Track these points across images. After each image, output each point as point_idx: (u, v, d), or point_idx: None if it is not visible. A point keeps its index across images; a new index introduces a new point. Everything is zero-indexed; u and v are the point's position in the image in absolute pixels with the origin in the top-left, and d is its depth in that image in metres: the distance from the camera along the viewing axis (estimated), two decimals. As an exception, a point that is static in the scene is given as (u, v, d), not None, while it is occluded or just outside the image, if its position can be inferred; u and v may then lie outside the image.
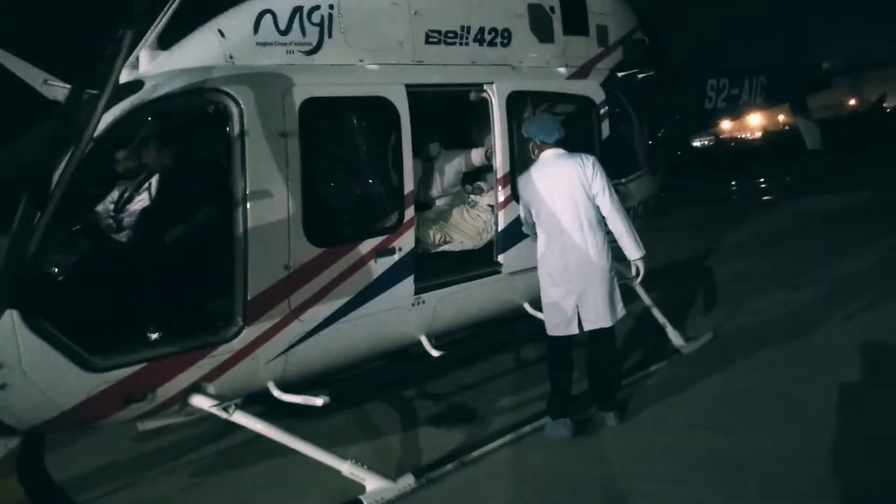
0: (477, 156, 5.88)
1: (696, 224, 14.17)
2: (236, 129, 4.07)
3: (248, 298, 4.11)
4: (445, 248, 5.33)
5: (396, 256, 4.68)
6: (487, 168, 6.05)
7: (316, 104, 4.37)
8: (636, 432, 4.62)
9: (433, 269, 5.08)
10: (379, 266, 4.62)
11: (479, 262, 5.34)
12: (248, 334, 4.13)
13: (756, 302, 7.29)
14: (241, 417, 4.03)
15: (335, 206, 4.74)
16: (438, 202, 6.02)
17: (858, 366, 5.23)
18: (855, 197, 14.03)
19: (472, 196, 5.72)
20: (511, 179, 5.20)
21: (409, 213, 4.76)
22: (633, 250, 4.80)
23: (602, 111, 5.99)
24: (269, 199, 4.15)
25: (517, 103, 5.40)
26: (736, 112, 8.62)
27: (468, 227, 5.44)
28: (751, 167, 25.04)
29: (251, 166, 4.08)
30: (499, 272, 5.29)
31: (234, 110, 4.06)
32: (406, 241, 4.73)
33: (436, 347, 4.95)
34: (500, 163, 5.26)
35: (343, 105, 4.69)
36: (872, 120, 34.46)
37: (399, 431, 5.09)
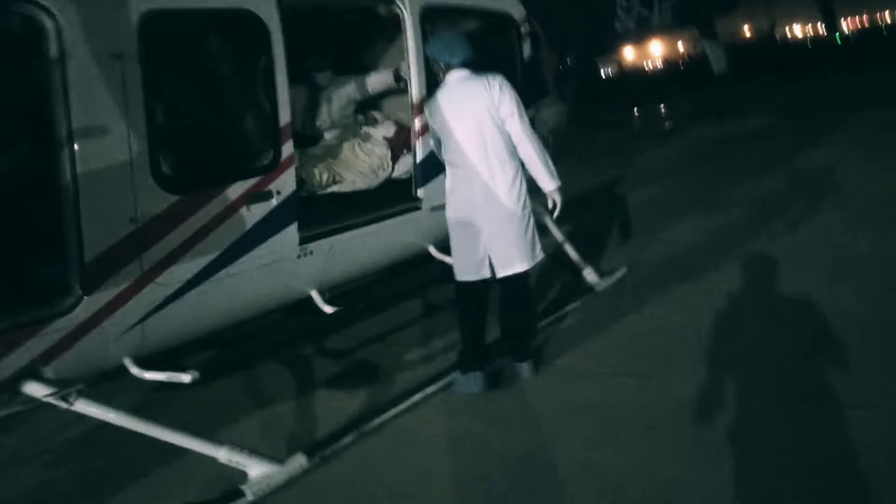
0: (378, 80, 5.18)
1: (601, 151, 13.97)
2: (54, 51, 3.22)
3: (86, 261, 3.35)
4: (335, 188, 4.65)
5: (274, 201, 3.99)
6: (386, 96, 5.38)
7: (160, 18, 3.54)
8: (553, 385, 4.21)
9: (323, 213, 4.43)
10: (252, 213, 3.92)
11: (391, 199, 4.76)
12: (90, 304, 3.38)
13: (669, 230, 7.05)
14: (84, 406, 3.31)
15: (191, 143, 3.93)
16: (327, 136, 5.30)
17: (776, 294, 5.00)
18: (755, 122, 14.12)
19: (364, 128, 5.03)
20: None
21: (287, 149, 4.05)
22: (547, 180, 4.29)
23: (522, 29, 5.38)
24: (102, 138, 3.35)
25: (432, 19, 4.76)
26: (645, 32, 8.17)
27: (360, 164, 4.78)
28: (652, 95, 25.23)
29: (77, 97, 3.26)
30: (418, 208, 4.73)
31: (50, 26, 3.20)
32: (285, 183, 4.03)
33: (328, 302, 4.35)
34: (416, 87, 4.67)
35: (195, 20, 3.84)
36: (766, 46, 35.44)
37: (292, 399, 4.51)
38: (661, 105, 22.16)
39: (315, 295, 4.37)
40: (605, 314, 5.10)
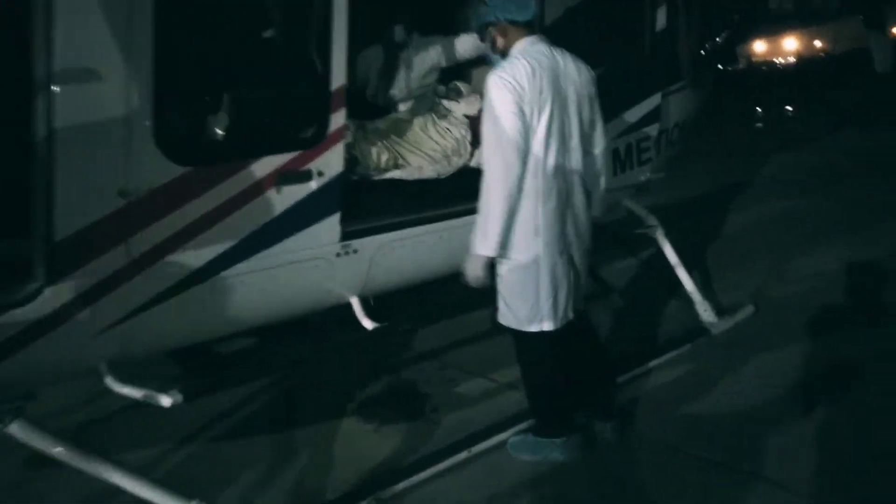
0: (469, 43, 4.20)
1: (726, 150, 12.35)
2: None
3: (55, 241, 2.61)
4: (395, 174, 3.74)
5: (313, 184, 3.14)
6: (477, 64, 4.41)
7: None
8: (642, 457, 3.20)
9: (375, 203, 3.55)
10: (282, 197, 3.08)
11: (465, 193, 3.76)
12: (56, 294, 2.65)
13: (807, 259, 5.72)
14: (21, 431, 2.57)
15: (210, 102, 3.10)
16: (401, 108, 4.40)
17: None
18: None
19: (442, 102, 4.08)
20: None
21: (338, 120, 3.17)
22: (602, 208, 3.39)
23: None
24: (91, 85, 2.59)
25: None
26: (802, 16, 6.75)
27: (431, 146, 3.85)
28: (781, 92, 22.67)
29: (62, 28, 2.50)
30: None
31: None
32: (329, 163, 3.17)
33: (372, 313, 3.49)
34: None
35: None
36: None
37: (303, 435, 3.61)
38: (798, 105, 19.92)
39: (355, 303, 3.52)
40: (719, 368, 3.98)
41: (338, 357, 4.41)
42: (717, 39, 5.49)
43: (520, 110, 2.92)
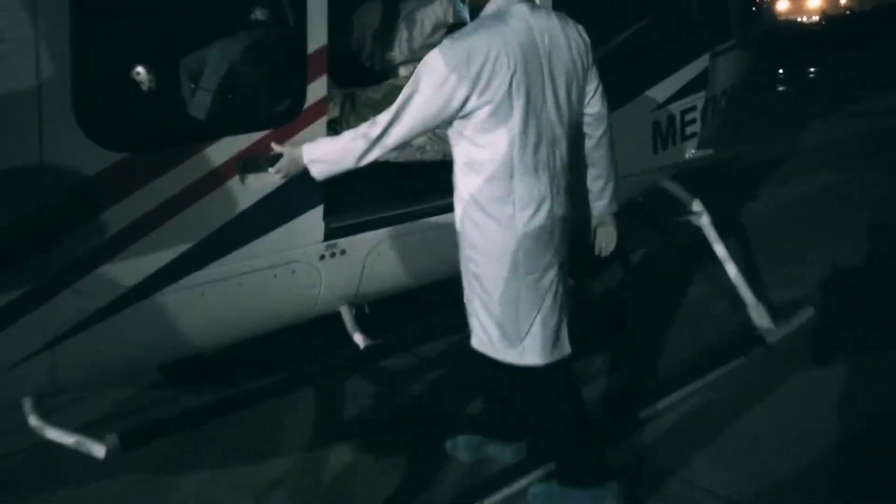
0: None
1: (742, 121, 11.47)
2: None
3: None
4: (391, 156, 3.06)
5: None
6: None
7: None
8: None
9: (368, 194, 2.92)
10: (248, 189, 2.46)
11: None
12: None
13: (860, 244, 5.03)
14: None
15: (148, 70, 2.45)
16: (402, 72, 3.73)
17: None
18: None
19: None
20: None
21: (317, 90, 2.52)
22: (610, 202, 2.71)
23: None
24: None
25: None
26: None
27: (436, 120, 3.17)
28: (805, 54, 21.43)
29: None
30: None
31: None
32: (313, 136, 2.54)
33: (365, 331, 2.88)
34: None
35: None
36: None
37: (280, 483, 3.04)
38: (823, 66, 18.88)
39: (345, 315, 2.91)
40: (781, 389, 3.34)
41: (326, 380, 3.75)
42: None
43: (446, 102, 2.27)
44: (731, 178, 7.03)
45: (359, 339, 2.85)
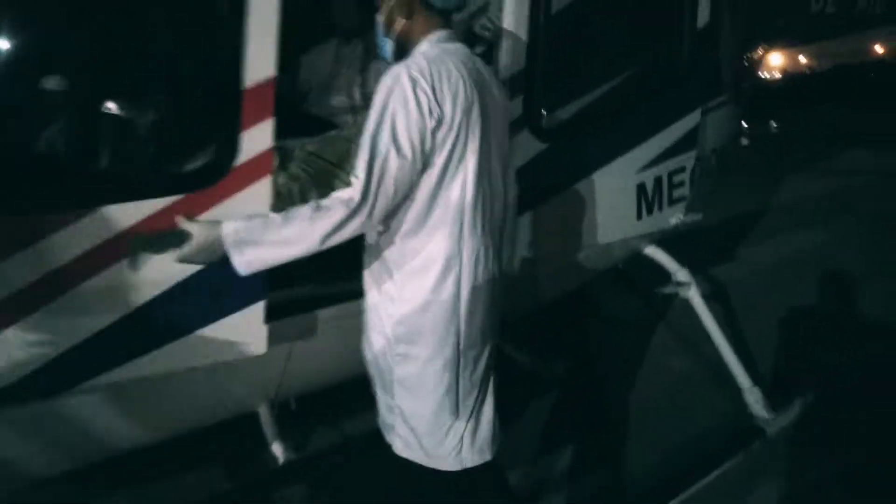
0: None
1: (740, 170, 11.13)
2: None
3: None
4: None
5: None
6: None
7: None
8: None
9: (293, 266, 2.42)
10: (146, 280, 1.92)
11: None
12: None
13: (851, 314, 4.68)
14: None
15: (19, 113, 1.91)
16: (349, 120, 3.27)
17: None
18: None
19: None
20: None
21: (259, 139, 2.01)
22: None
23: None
24: None
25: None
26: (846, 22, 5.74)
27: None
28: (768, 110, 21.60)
29: None
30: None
31: None
32: (245, 207, 2.01)
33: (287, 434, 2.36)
34: (509, 48, 2.64)
35: None
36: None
37: None
38: (786, 122, 19.03)
39: (264, 417, 2.39)
40: (789, 497, 2.88)
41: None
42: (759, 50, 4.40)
43: (424, 129, 1.86)
44: (702, 237, 6.68)
45: (278, 449, 2.32)
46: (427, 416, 2.04)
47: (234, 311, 2.04)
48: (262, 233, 1.80)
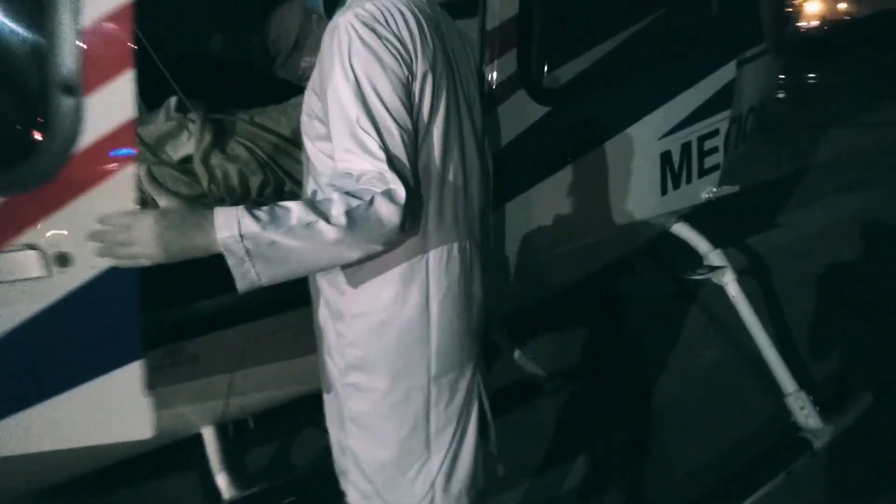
0: None
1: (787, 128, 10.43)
2: None
3: None
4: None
5: (32, 288, 1.40)
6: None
7: None
8: None
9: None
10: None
11: None
12: None
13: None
14: None
15: None
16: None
17: None
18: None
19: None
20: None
21: (112, 110, 1.44)
22: None
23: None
24: None
25: None
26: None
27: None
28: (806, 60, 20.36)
29: None
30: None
31: None
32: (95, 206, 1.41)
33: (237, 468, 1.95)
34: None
35: None
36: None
37: None
38: (824, 72, 17.95)
39: (209, 441, 1.98)
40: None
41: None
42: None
43: (407, 84, 1.41)
44: (741, 201, 6.10)
45: (222, 482, 1.92)
46: (387, 462, 1.61)
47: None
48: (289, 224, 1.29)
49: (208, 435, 2.01)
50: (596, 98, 2.45)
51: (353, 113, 1.35)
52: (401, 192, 1.33)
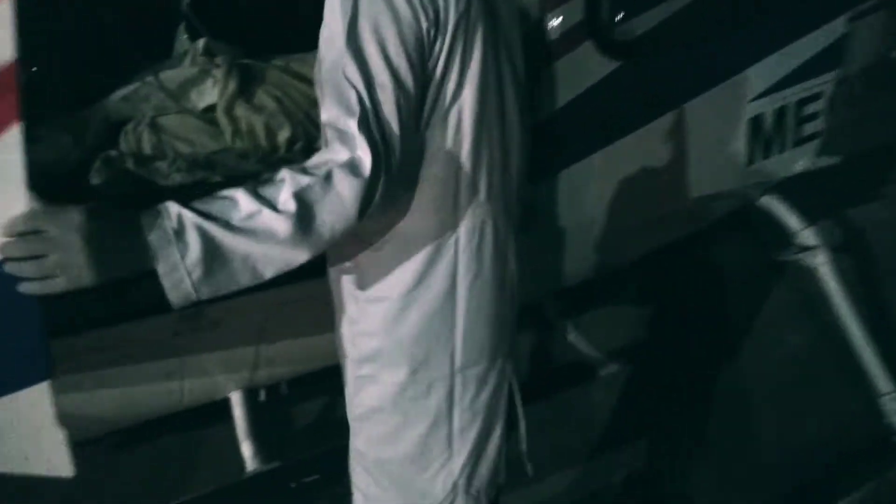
0: None
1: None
2: None
3: None
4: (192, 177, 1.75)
5: None
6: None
7: None
8: None
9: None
10: None
11: None
12: None
13: None
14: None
15: None
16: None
17: None
18: None
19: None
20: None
21: None
22: None
23: None
24: None
25: None
26: None
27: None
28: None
29: None
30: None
31: None
32: None
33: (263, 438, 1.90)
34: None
35: None
36: None
37: None
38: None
39: (237, 406, 1.92)
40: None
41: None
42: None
43: (421, 36, 1.19)
44: (838, 171, 5.54)
45: (247, 450, 1.86)
46: (403, 461, 1.47)
47: None
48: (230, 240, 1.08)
49: (236, 399, 1.94)
50: (676, 53, 2.17)
51: (341, 57, 1.16)
52: (366, 161, 1.11)
